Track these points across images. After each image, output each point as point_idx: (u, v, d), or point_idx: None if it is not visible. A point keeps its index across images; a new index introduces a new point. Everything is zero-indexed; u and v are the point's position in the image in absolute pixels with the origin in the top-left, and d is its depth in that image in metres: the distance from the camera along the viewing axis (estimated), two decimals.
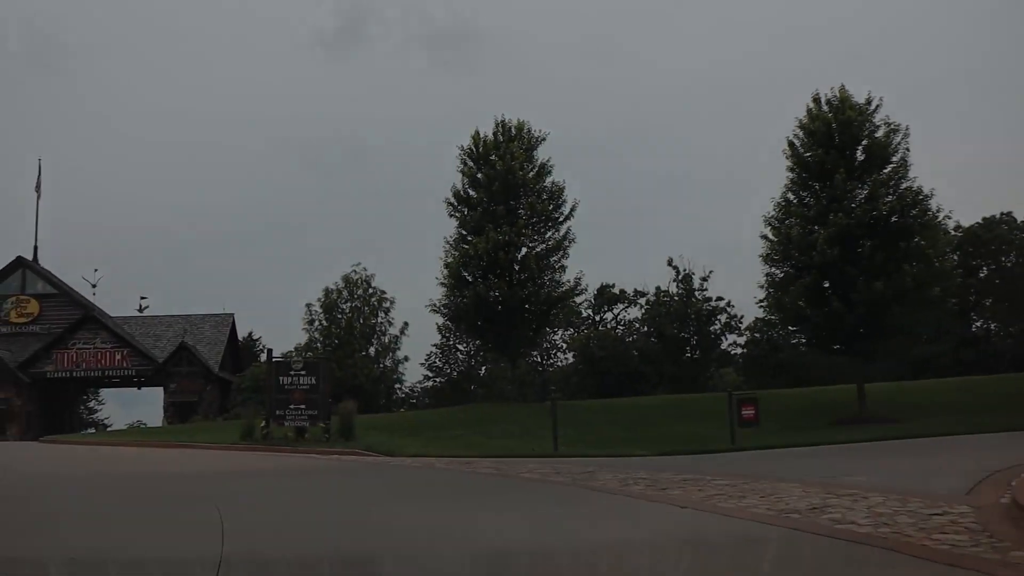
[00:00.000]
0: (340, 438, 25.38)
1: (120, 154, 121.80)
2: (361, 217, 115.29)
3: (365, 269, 60.57)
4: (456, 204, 36.78)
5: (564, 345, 63.38)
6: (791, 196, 30.76)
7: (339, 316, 59.64)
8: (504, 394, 63.17)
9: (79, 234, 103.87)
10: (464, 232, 36.09)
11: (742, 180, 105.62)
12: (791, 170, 30.59)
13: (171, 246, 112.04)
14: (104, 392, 78.04)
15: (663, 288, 62.17)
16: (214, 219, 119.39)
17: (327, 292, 59.82)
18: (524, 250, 35.63)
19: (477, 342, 41.29)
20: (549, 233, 36.21)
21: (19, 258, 59.17)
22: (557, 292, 35.71)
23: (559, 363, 67.20)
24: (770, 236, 30.55)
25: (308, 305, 59.91)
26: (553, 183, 36.59)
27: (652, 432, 26.21)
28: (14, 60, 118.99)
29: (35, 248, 60.35)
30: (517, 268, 35.09)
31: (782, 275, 30.38)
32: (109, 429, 64.29)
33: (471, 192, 36.71)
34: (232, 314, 62.40)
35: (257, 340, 77.46)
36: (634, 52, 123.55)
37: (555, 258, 35.94)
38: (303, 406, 25.54)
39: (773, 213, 30.73)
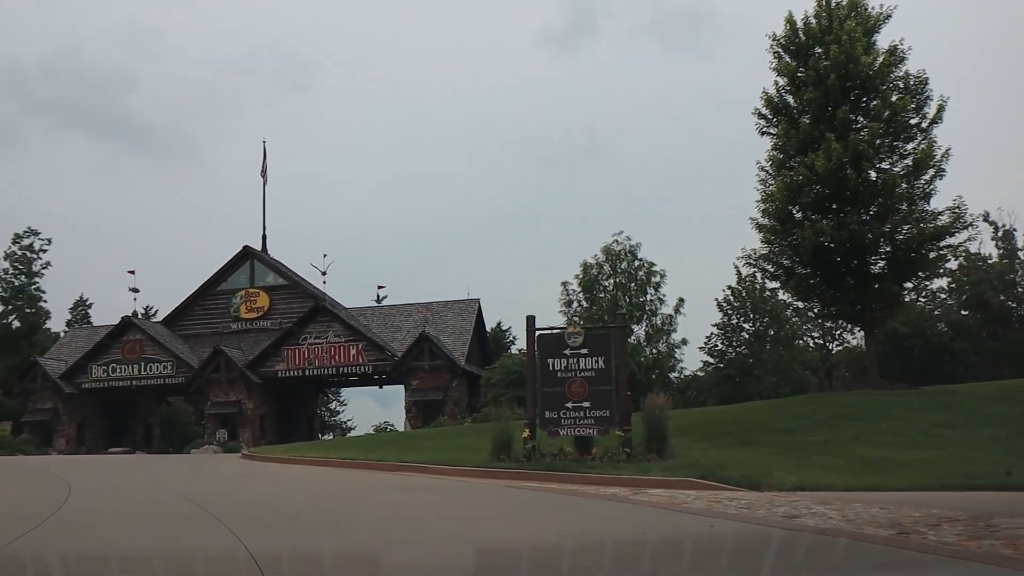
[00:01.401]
0: (646, 452, 15.79)
1: (358, 159, 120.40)
2: (606, 207, 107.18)
3: (628, 239, 50.97)
4: (770, 116, 26.32)
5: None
6: None
7: (601, 295, 50.37)
8: (802, 381, 52.26)
9: (305, 229, 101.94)
10: (782, 153, 25.58)
11: None
12: None
13: (403, 243, 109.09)
14: (348, 391, 72.97)
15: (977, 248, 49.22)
16: (453, 216, 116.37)
17: (585, 268, 50.65)
18: (873, 172, 24.68)
19: (809, 305, 30.24)
20: (910, 145, 24.98)
21: (247, 248, 53.79)
22: (929, 228, 24.42)
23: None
24: None
25: (564, 284, 51.05)
26: (909, 74, 25.37)
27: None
28: (264, 79, 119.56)
29: (263, 237, 55.04)
30: (867, 195, 24.16)
31: None
32: (350, 435, 58.04)
33: (790, 98, 26.19)
34: (478, 300, 54.47)
35: (507, 331, 69.99)
36: None
37: (920, 179, 24.66)
38: (586, 404, 16.06)
39: None
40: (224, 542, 7.37)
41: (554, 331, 17.13)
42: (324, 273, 50.72)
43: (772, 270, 26.45)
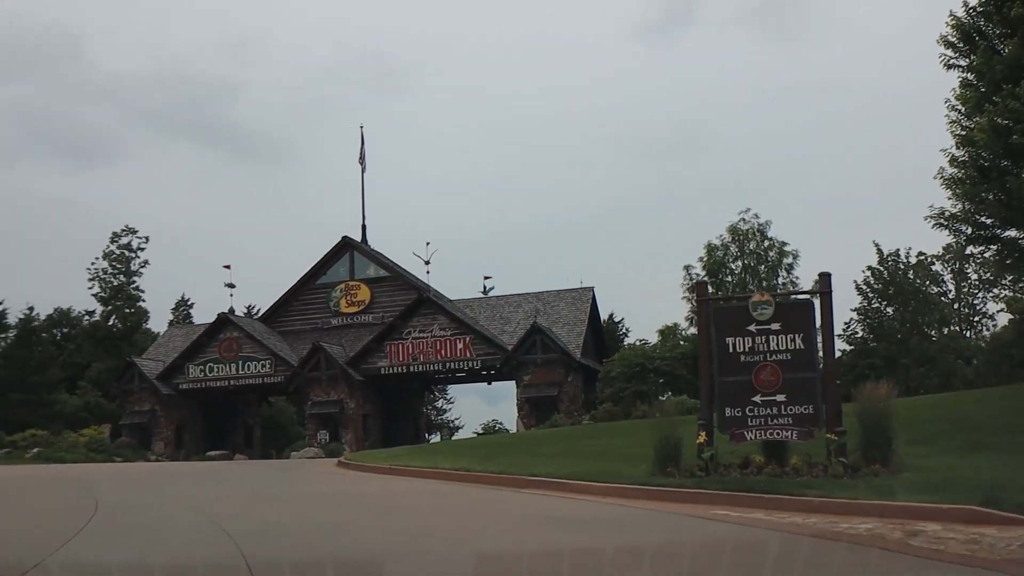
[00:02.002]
0: (865, 463, 11.57)
1: (452, 159, 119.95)
2: (712, 196, 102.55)
3: (756, 216, 46.27)
4: (960, 43, 21.61)
5: None
6: None
7: (728, 279, 45.82)
8: (955, 370, 46.72)
9: (402, 230, 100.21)
10: (982, 86, 20.83)
11: None
12: None
13: (504, 241, 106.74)
14: (454, 388, 69.72)
15: None
16: (553, 212, 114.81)
17: (710, 249, 46.14)
18: None
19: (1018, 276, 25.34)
20: None
21: (346, 239, 50.79)
22: None
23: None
24: None
25: (687, 268, 46.72)
26: None
27: None
28: (358, 83, 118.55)
29: (363, 227, 52.06)
30: None
31: None
32: (456, 436, 54.62)
33: (983, 22, 21.43)
34: (592, 288, 50.39)
35: (619, 323, 65.78)
36: None
37: None
38: (781, 397, 11.89)
39: None
40: None
41: (733, 301, 12.95)
42: (428, 262, 47.54)
43: (969, 232, 21.75)
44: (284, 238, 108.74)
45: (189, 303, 70.18)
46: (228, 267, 49.87)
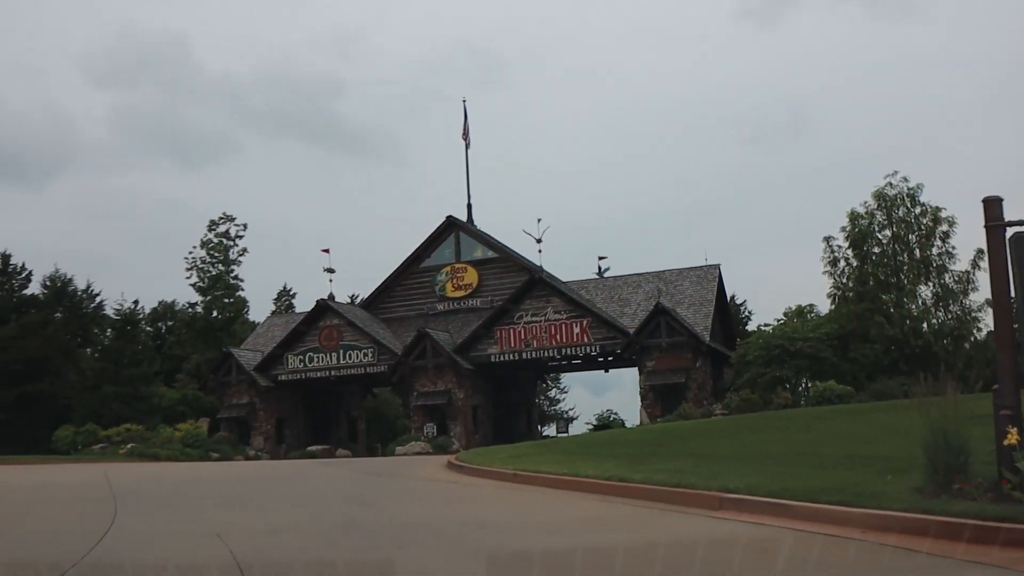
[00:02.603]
0: None
1: (556, 148, 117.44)
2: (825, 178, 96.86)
3: (905, 179, 40.96)
4: None
5: None
6: None
7: (874, 251, 40.69)
8: None
9: (507, 221, 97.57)
10: None
11: None
12: None
13: (612, 229, 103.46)
14: (567, 377, 65.79)
15: None
16: (661, 199, 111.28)
17: (853, 217, 41.02)
18: None
19: None
20: None
21: (450, 219, 47.32)
22: None
23: None
24: None
25: (827, 239, 41.65)
26: None
27: None
28: (460, 76, 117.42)
29: (468, 207, 48.48)
30: None
31: None
32: (573, 427, 50.75)
33: None
34: (718, 265, 45.85)
35: (742, 305, 60.97)
36: None
37: None
38: None
39: None
40: None
41: None
42: (539, 240, 43.52)
43: None
44: (386, 232, 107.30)
45: (291, 293, 67.94)
46: (327, 251, 46.86)
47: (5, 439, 46.45)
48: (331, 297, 45.94)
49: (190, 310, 58.69)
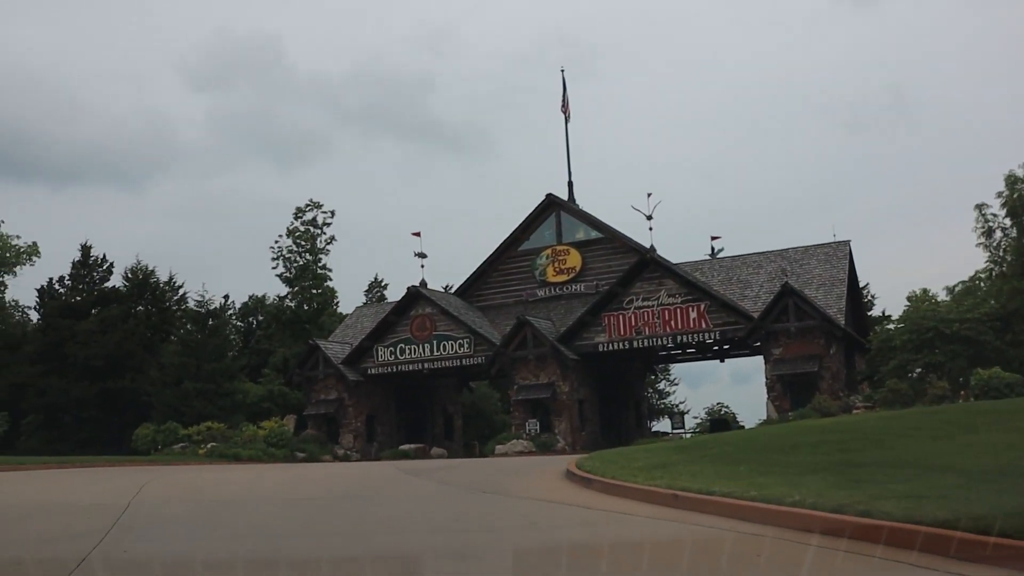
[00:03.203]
0: None
1: (650, 138, 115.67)
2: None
3: None
4: None
5: None
6: None
7: None
8: None
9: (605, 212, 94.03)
10: None
11: None
12: None
13: (714, 218, 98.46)
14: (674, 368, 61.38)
15: None
16: (765, 187, 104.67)
17: (1010, 181, 35.96)
18: None
19: None
20: None
21: (551, 197, 43.57)
22: None
23: None
24: None
25: (979, 207, 36.73)
26: None
27: None
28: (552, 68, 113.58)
29: (569, 184, 44.85)
30: None
31: None
32: (682, 428, 46.41)
33: None
34: (848, 242, 41.05)
35: (863, 288, 55.67)
36: None
37: None
38: None
39: None
40: None
41: None
42: (650, 217, 39.42)
43: None
44: (478, 227, 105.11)
45: (383, 284, 64.85)
46: (418, 234, 43.48)
47: (89, 438, 44.34)
48: (423, 284, 42.55)
49: (277, 303, 56.07)
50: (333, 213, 55.70)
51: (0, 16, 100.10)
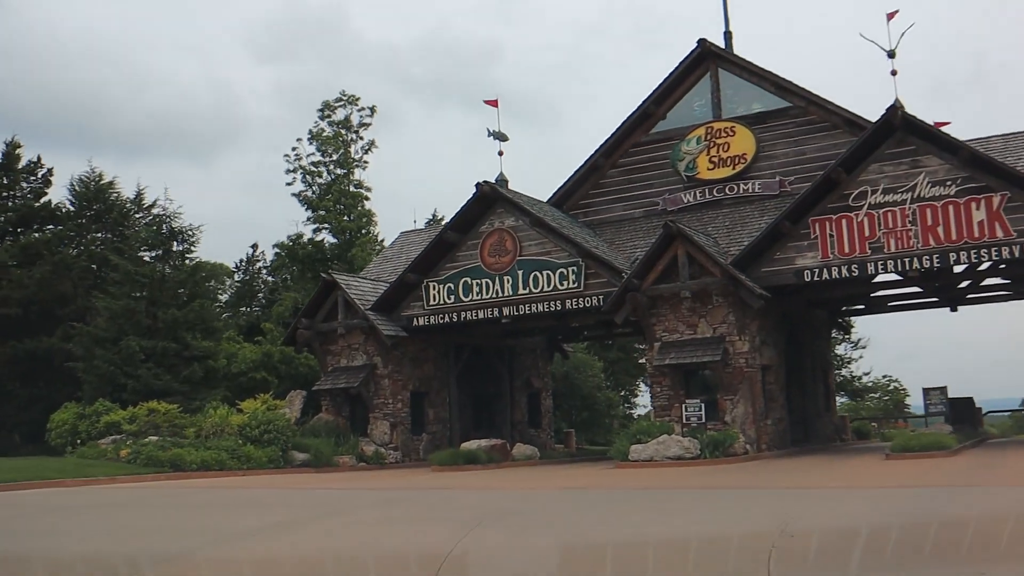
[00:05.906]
0: None
1: None
2: None
3: None
4: None
5: None
6: None
7: None
8: None
9: None
10: None
11: None
12: None
13: None
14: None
15: None
16: None
17: None
18: None
19: None
20: None
21: (704, 45, 27.23)
22: None
23: None
24: None
25: None
26: None
27: None
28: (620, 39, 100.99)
29: (726, 35, 28.48)
30: None
31: None
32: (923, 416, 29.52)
33: None
34: None
35: None
36: None
37: None
38: None
39: None
40: None
41: None
42: (892, 55, 22.90)
43: None
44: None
45: (441, 220, 49.02)
46: (494, 103, 27.37)
47: None
48: (501, 181, 26.47)
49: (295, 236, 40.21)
50: (373, 110, 40.07)
51: None
